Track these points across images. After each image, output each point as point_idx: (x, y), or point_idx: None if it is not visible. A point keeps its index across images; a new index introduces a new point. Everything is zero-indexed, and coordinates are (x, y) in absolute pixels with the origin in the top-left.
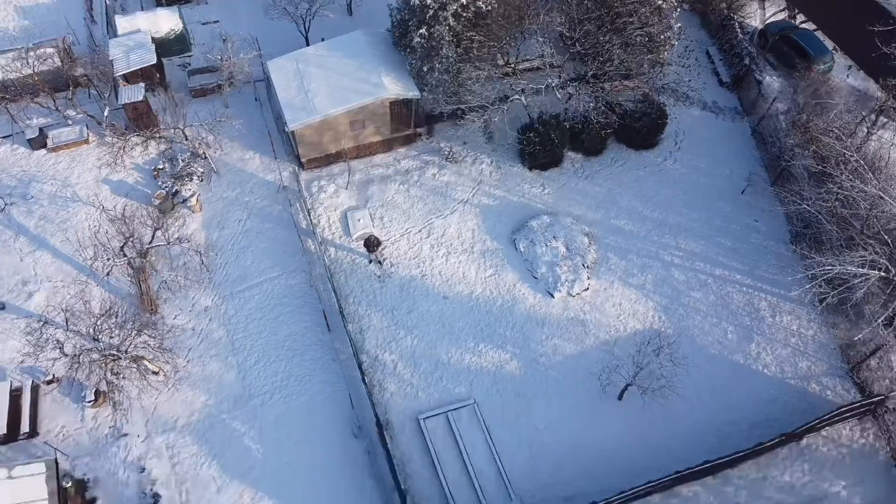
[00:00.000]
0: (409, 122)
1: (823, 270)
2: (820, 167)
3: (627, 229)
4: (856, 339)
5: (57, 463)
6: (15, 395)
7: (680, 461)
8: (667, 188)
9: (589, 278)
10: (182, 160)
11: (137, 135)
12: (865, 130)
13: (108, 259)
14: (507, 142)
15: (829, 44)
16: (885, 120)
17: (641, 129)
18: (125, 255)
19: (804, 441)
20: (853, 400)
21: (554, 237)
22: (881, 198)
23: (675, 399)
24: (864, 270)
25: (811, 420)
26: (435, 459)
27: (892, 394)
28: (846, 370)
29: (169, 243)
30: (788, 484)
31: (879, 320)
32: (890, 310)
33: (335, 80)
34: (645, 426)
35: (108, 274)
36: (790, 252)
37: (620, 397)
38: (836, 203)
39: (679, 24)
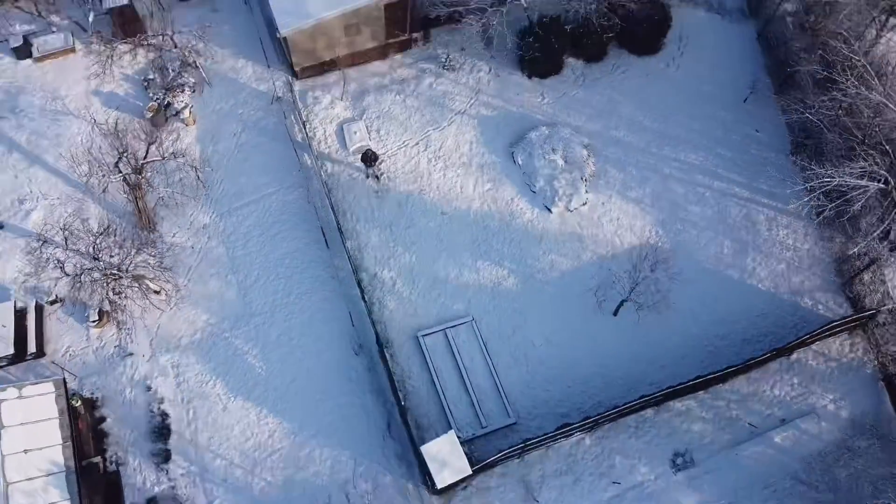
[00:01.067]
0: (405, 27)
1: (822, 182)
2: (825, 73)
3: (627, 140)
4: (850, 252)
5: (65, 382)
6: (20, 316)
7: (673, 376)
8: (668, 97)
9: (587, 192)
10: (172, 70)
11: (125, 42)
12: (874, 32)
13: (104, 175)
14: (505, 48)
15: None
16: None
17: (644, 32)
18: (120, 171)
19: (794, 356)
20: (845, 314)
21: (552, 149)
22: (885, 105)
23: (669, 314)
24: (863, 182)
25: (802, 335)
26: (434, 376)
27: (882, 308)
28: (839, 284)
29: (164, 158)
30: (778, 398)
31: (875, 233)
32: (886, 223)
33: None
34: (639, 342)
35: (104, 191)
36: (790, 163)
37: (616, 313)
38: (840, 111)
39: None
